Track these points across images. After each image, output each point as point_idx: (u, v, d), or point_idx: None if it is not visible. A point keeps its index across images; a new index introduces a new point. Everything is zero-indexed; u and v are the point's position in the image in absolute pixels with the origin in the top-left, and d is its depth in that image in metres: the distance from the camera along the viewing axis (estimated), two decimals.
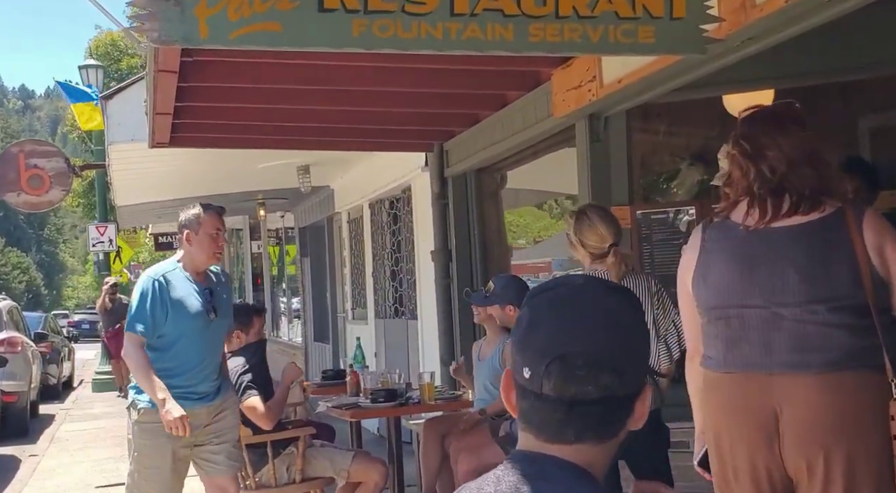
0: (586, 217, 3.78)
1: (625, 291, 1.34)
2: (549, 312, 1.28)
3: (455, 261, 7.05)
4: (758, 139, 2.43)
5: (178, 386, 4.14)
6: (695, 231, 2.53)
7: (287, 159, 8.55)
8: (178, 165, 8.65)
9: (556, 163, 7.13)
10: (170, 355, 4.20)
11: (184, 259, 4.31)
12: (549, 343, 1.26)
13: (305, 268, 13.36)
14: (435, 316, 7.41)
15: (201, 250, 4.28)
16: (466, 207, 7.04)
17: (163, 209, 11.86)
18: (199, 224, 4.29)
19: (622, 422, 1.28)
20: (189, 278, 4.28)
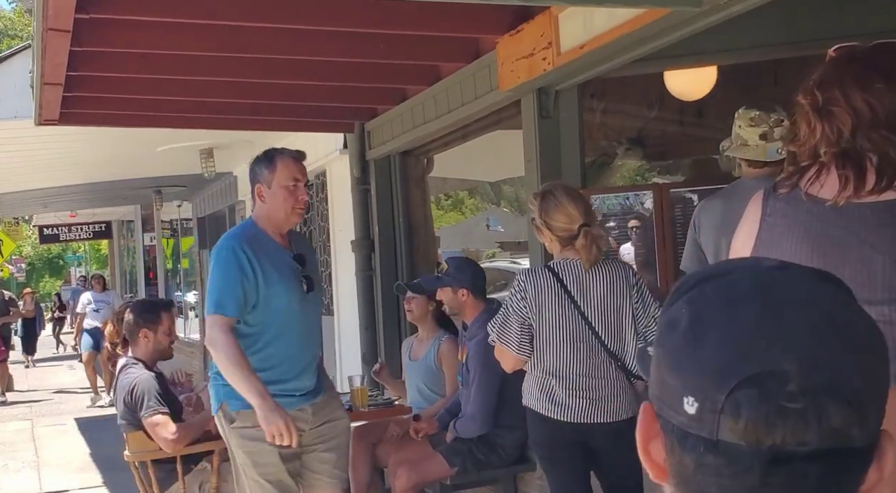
0: (552, 196, 3.31)
1: (838, 280, 0.85)
2: (726, 308, 0.79)
3: (378, 251, 6.52)
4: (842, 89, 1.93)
5: (273, 382, 3.29)
6: (753, 201, 2.04)
7: (189, 142, 7.86)
8: (66, 148, 7.85)
9: (480, 148, 6.69)
10: (260, 344, 3.33)
11: (260, 220, 3.43)
12: (732, 357, 0.77)
13: (204, 260, 12.58)
14: (355, 311, 6.88)
15: (277, 208, 3.38)
16: (390, 193, 6.52)
17: (48, 198, 10.94)
18: (272, 175, 3.41)
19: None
20: (275, 243, 3.41)
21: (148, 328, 4.40)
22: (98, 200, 12.35)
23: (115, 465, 7.33)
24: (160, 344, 4.44)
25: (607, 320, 3.25)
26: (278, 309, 3.30)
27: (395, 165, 6.48)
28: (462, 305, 4.51)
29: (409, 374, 5.07)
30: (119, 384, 4.42)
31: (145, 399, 4.26)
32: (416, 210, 6.57)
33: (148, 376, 4.34)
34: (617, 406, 3.24)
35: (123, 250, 21.32)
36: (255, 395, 3.18)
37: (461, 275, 4.55)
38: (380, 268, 6.51)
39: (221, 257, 3.31)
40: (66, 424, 11.57)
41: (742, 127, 3.23)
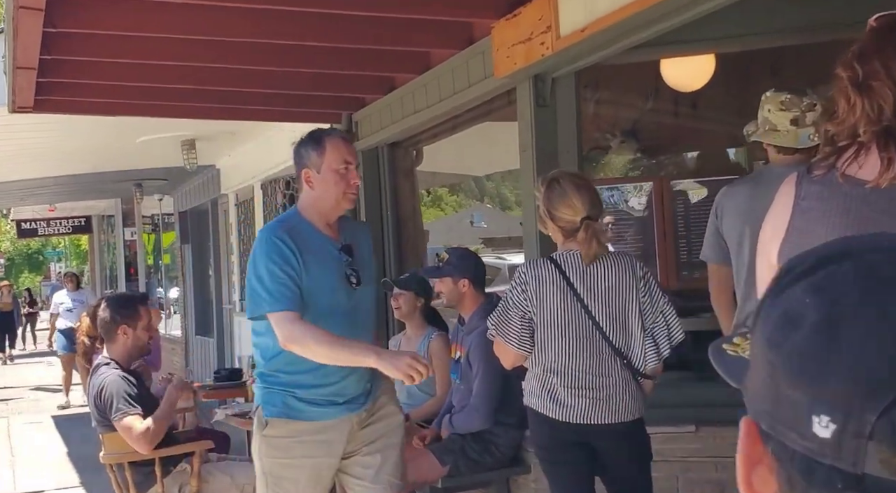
0: (557, 185, 3.13)
1: None
2: (871, 297, 0.61)
3: None
4: (883, 61, 1.76)
5: (314, 386, 2.96)
6: (786, 184, 1.86)
7: (170, 132, 7.63)
8: (42, 138, 7.61)
9: (469, 141, 6.52)
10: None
11: (305, 209, 3.10)
12: (886, 362, 0.58)
13: (186, 255, 12.35)
14: None
15: (328, 194, 3.06)
16: (378, 186, 6.33)
17: (25, 190, 10.68)
18: (321, 158, 3.07)
19: None
20: (320, 233, 3.09)
21: (126, 325, 4.20)
22: (77, 193, 12.08)
23: (92, 465, 7.11)
24: (139, 340, 4.23)
25: (612, 315, 3.08)
26: (320, 306, 2.97)
27: (384, 157, 6.29)
28: (462, 297, 4.33)
29: None
30: (90, 387, 4.22)
31: (114, 401, 4.07)
32: (405, 203, 6.38)
33: (115, 376, 4.13)
34: (622, 406, 3.07)
35: (104, 246, 21.01)
36: (367, 353, 2.87)
37: (463, 265, 4.39)
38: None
39: (264, 251, 2.98)
40: (42, 421, 11.32)
41: (771, 111, 3.05)
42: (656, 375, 3.13)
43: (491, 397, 4.16)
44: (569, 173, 3.22)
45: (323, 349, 2.86)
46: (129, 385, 4.14)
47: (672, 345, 3.09)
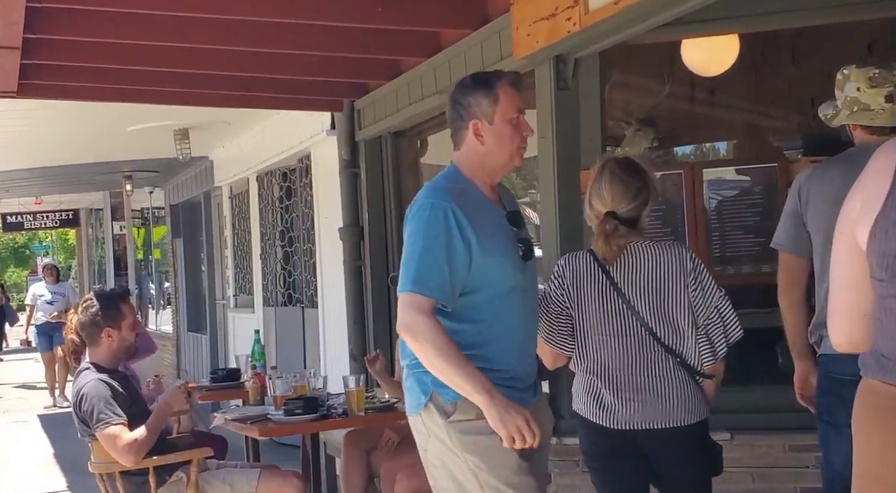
0: (601, 172, 2.84)
1: None
2: None
3: (367, 239, 6.03)
4: None
5: (491, 372, 2.49)
6: (882, 155, 1.59)
7: (162, 121, 7.31)
8: (27, 126, 7.28)
9: None
10: (477, 327, 2.52)
11: (468, 168, 2.60)
12: None
13: (178, 249, 12.03)
14: (342, 304, 6.38)
15: (501, 149, 2.57)
16: (382, 177, 6.02)
17: (10, 182, 10.33)
18: (494, 106, 2.56)
19: None
20: (486, 199, 2.62)
21: (111, 327, 3.89)
22: (64, 185, 11.73)
23: (79, 467, 6.78)
24: (125, 341, 3.93)
25: (659, 311, 2.78)
26: (498, 285, 2.53)
27: (387, 147, 5.99)
28: None
29: None
30: (72, 392, 3.91)
31: (94, 410, 3.76)
32: (409, 196, 6.06)
33: (95, 381, 3.82)
34: (676, 409, 2.76)
35: (92, 240, 20.63)
36: (480, 390, 2.40)
37: None
38: (370, 258, 6.02)
39: (424, 220, 2.48)
40: (28, 421, 11.00)
41: (861, 89, 2.74)
42: (717, 373, 2.82)
43: None
44: (617, 160, 2.91)
45: (433, 356, 2.41)
46: (112, 390, 3.83)
47: (729, 343, 2.80)
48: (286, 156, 7.49)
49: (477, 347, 2.49)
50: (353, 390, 3.92)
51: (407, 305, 2.45)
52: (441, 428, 2.50)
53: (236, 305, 9.55)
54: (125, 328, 3.90)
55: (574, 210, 3.97)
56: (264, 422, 3.88)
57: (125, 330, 3.90)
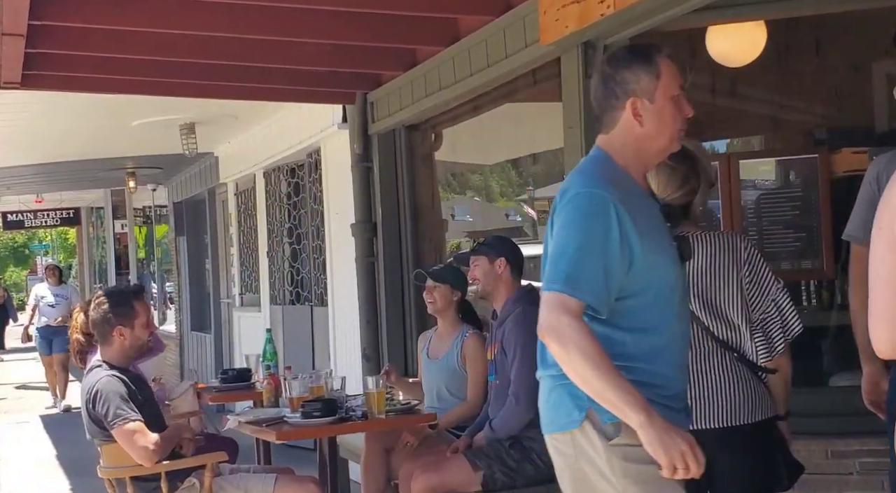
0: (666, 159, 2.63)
1: None
2: None
3: (380, 235, 5.86)
4: None
5: (649, 388, 2.12)
6: None
7: (168, 115, 7.14)
8: (29, 120, 7.10)
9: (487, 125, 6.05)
10: (636, 336, 2.18)
11: (624, 152, 2.25)
12: None
13: (181, 248, 11.85)
14: (354, 302, 6.21)
15: (663, 130, 2.23)
16: (395, 172, 5.85)
17: (10, 178, 10.15)
18: (655, 82, 2.21)
19: None
20: (641, 189, 2.31)
21: (123, 325, 3.71)
22: (65, 182, 11.55)
23: (82, 468, 6.68)
24: (138, 340, 3.75)
25: (711, 303, 2.61)
26: (662, 287, 2.20)
27: (401, 141, 5.81)
28: (497, 279, 3.94)
29: (426, 374, 4.43)
30: (81, 393, 3.74)
31: (111, 406, 3.59)
32: (423, 191, 5.91)
33: (109, 377, 3.65)
34: (731, 406, 2.59)
35: (93, 239, 20.47)
36: (637, 408, 2.03)
37: (501, 245, 4.03)
38: (383, 254, 5.85)
39: (581, 212, 2.15)
40: (29, 421, 10.83)
41: None
42: (782, 369, 2.63)
43: (532, 382, 3.71)
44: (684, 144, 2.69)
45: (582, 366, 2.06)
46: (126, 387, 3.66)
47: (788, 338, 2.62)
48: (295, 151, 7.32)
49: (634, 359, 2.14)
50: (374, 391, 3.75)
51: (553, 305, 2.10)
52: (598, 452, 2.15)
53: (242, 303, 9.38)
54: (138, 327, 3.72)
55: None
56: (281, 425, 3.71)
57: (138, 329, 3.72)
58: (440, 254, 5.97)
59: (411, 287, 5.79)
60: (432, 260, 5.89)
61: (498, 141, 6.13)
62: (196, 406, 4.99)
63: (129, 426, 3.58)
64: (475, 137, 6.13)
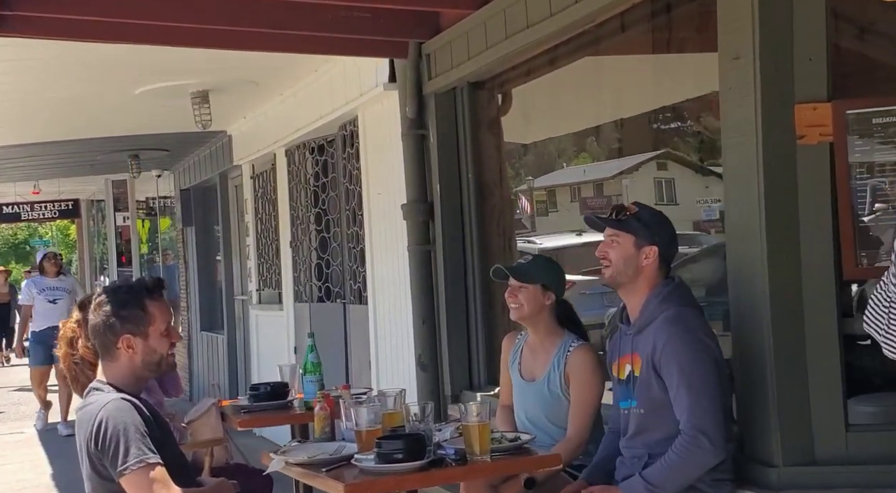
0: None
1: None
2: None
3: (440, 217, 4.82)
4: None
5: None
6: None
7: (178, 80, 6.09)
8: (18, 87, 6.05)
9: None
10: None
11: None
12: None
13: (189, 240, 10.81)
14: (403, 299, 5.19)
15: None
16: (456, 141, 4.82)
17: (5, 160, 9.07)
18: None
19: None
20: None
21: (132, 333, 2.65)
22: (62, 167, 10.48)
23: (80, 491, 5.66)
24: (153, 354, 2.68)
25: None
26: None
27: (463, 103, 4.78)
28: (638, 271, 2.87)
29: (518, 397, 3.38)
30: (78, 423, 2.67)
31: (121, 444, 2.53)
32: (490, 164, 4.87)
33: (118, 402, 2.59)
34: None
35: (93, 233, 19.46)
36: None
37: (658, 225, 2.91)
38: (442, 240, 4.81)
39: None
40: (24, 431, 9.79)
41: None
42: None
43: (717, 410, 2.66)
44: None
45: None
46: (143, 417, 2.61)
47: None
48: (325, 123, 6.26)
49: None
50: (475, 423, 2.69)
51: None
52: None
53: (260, 301, 8.33)
54: (154, 336, 2.66)
55: (786, 166, 2.77)
56: (348, 471, 2.66)
57: (154, 339, 2.66)
58: (508, 241, 4.93)
59: (477, 278, 4.76)
60: (500, 248, 4.86)
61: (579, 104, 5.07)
62: (220, 431, 3.92)
63: (150, 474, 2.52)
64: (550, 100, 5.08)
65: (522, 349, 3.40)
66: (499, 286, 4.84)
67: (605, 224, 2.91)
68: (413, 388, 5.09)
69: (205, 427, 3.80)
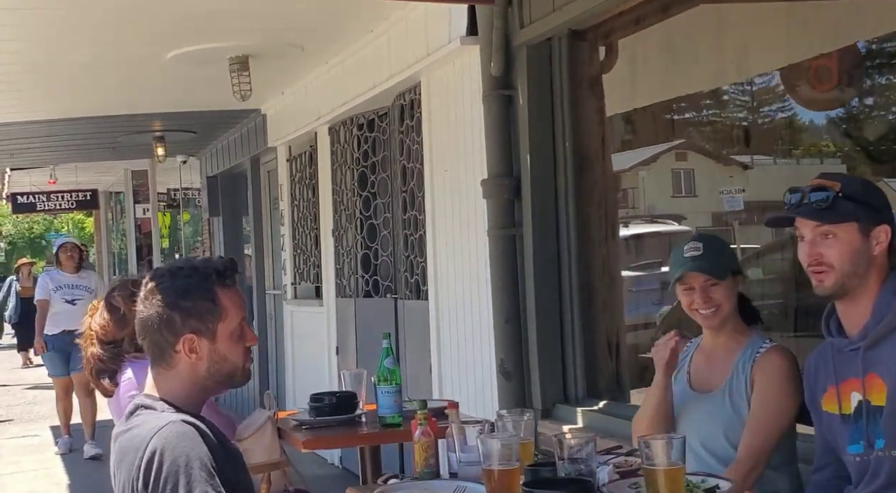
0: None
1: None
2: None
3: (528, 196, 4.03)
4: None
5: None
6: None
7: (215, 42, 5.33)
8: (39, 48, 5.29)
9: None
10: None
11: None
12: None
13: (216, 230, 10.09)
14: (474, 293, 4.44)
15: None
16: (551, 102, 4.03)
17: (15, 141, 8.32)
18: None
19: None
20: None
21: (196, 332, 1.87)
22: (81, 150, 9.73)
23: None
24: (223, 362, 1.90)
25: None
26: None
27: (561, 56, 3.99)
28: (871, 264, 2.09)
29: (685, 413, 2.57)
30: (118, 453, 1.89)
31: (182, 486, 1.75)
32: (590, 131, 4.07)
33: (181, 429, 1.81)
34: None
35: (112, 226, 18.81)
36: None
37: (872, 195, 2.13)
38: (532, 223, 4.02)
39: None
40: (39, 435, 9.06)
41: None
42: None
43: None
44: None
45: None
46: (212, 449, 1.84)
47: None
48: (379, 92, 5.48)
49: None
50: (664, 467, 1.88)
51: None
52: None
53: (295, 295, 7.57)
54: (223, 337, 1.87)
55: None
56: None
57: (224, 340, 1.87)
58: (611, 226, 4.13)
59: (574, 269, 3.98)
60: (601, 234, 4.06)
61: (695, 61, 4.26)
62: (277, 452, 3.18)
63: None
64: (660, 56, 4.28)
65: (692, 353, 2.61)
66: (598, 275, 4.07)
67: (808, 217, 2.11)
68: (489, 399, 4.32)
69: (259, 446, 3.06)
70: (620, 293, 4.24)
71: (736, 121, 7.78)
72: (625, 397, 4.11)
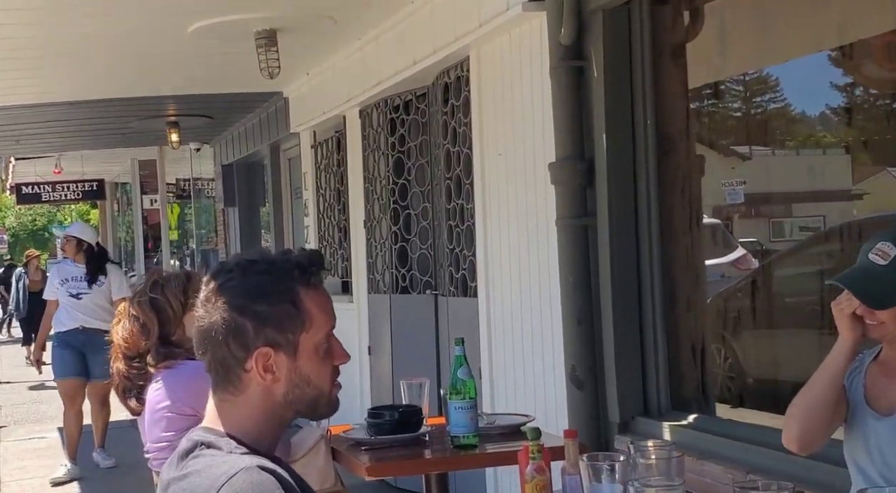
0: None
1: None
2: None
3: (604, 181, 3.56)
4: None
5: None
6: None
7: (240, 13, 4.86)
8: (41, 24, 4.82)
9: None
10: None
11: None
12: None
13: (231, 221, 9.64)
14: (536, 291, 3.97)
15: None
16: (630, 75, 3.56)
17: (20, 125, 7.86)
18: None
19: None
20: None
21: (273, 345, 1.40)
22: (90, 136, 9.27)
23: None
24: (305, 386, 1.45)
25: None
26: None
27: (642, 22, 3.52)
28: None
29: (856, 423, 2.09)
30: None
31: None
32: (673, 106, 3.60)
33: (257, 477, 1.34)
34: None
35: (118, 218, 18.40)
36: None
37: None
38: (609, 212, 3.54)
39: None
40: (46, 437, 8.61)
41: None
42: None
43: None
44: None
45: None
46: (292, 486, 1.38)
47: None
48: (419, 69, 5.02)
49: None
50: None
51: None
52: None
53: None
54: (307, 352, 1.41)
55: None
56: None
57: (307, 357, 1.41)
58: (696, 214, 3.66)
59: (655, 264, 3.52)
60: (685, 224, 3.60)
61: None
62: (332, 475, 2.71)
63: None
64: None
65: (868, 369, 2.13)
66: (682, 270, 3.62)
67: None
68: (552, 410, 3.86)
69: (312, 470, 2.60)
70: (704, 291, 3.79)
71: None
72: (710, 409, 3.66)
